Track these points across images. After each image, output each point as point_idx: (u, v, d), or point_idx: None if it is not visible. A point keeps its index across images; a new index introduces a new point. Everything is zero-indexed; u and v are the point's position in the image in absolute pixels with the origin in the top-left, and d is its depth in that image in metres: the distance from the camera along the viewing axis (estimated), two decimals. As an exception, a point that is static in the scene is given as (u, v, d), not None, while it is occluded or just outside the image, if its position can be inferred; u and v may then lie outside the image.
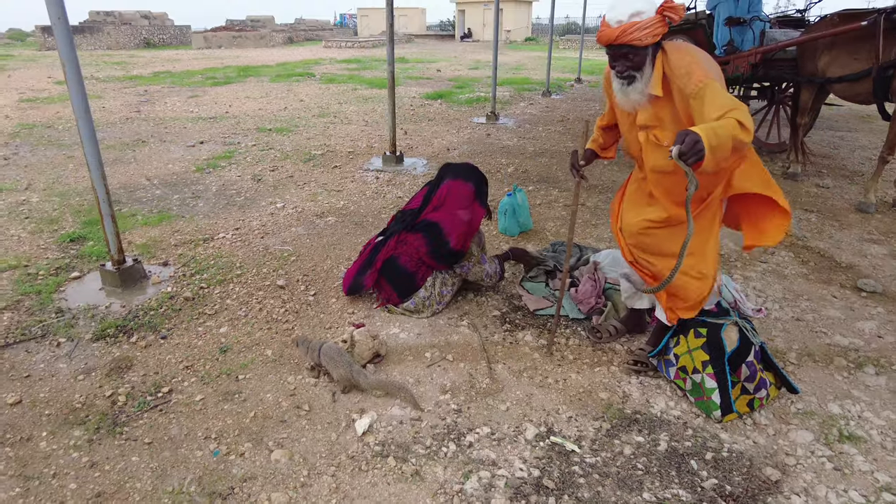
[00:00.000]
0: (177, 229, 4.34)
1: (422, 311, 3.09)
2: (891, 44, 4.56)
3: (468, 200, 3.02)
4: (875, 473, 2.08)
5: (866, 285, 3.51)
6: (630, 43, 2.03)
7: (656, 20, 2.01)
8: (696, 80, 1.99)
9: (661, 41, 2.11)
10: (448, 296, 3.15)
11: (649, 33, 2.01)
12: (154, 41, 28.75)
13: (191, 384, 2.56)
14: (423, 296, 3.09)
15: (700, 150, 1.75)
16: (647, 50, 2.07)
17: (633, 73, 2.11)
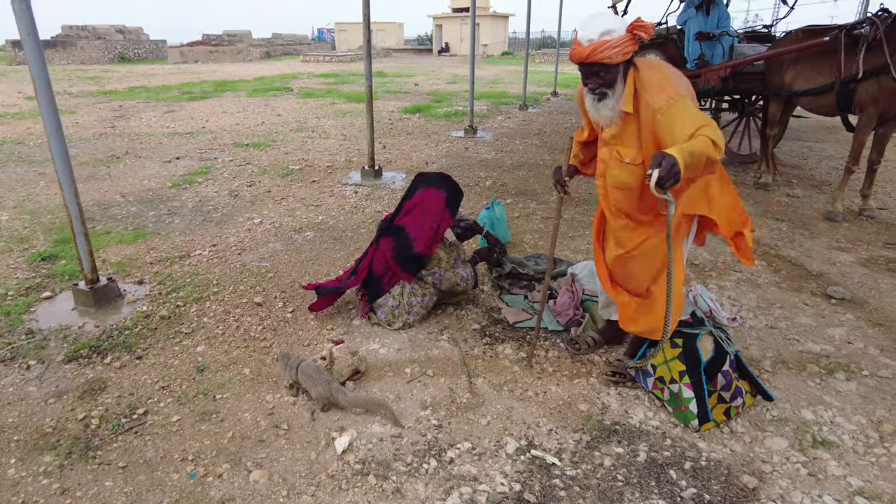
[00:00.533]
0: (152, 246, 4.28)
1: (392, 323, 3.10)
2: (851, 59, 4.72)
3: (439, 208, 3.05)
4: (848, 478, 2.12)
5: (836, 292, 3.59)
6: (601, 61, 2.06)
7: (626, 38, 2.04)
8: (667, 95, 2.03)
9: (632, 58, 2.16)
10: (418, 306, 3.12)
11: (619, 51, 2.04)
12: (129, 56, 28.48)
13: (167, 405, 2.51)
14: (391, 304, 3.11)
15: (677, 174, 1.76)
16: (618, 67, 2.11)
17: (604, 90, 2.15)
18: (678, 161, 1.77)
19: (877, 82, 4.53)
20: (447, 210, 3.06)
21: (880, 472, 2.15)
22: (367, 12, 5.56)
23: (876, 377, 2.74)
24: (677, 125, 1.97)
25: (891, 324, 3.26)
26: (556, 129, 9.52)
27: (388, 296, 3.12)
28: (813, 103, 5.34)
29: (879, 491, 2.06)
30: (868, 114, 4.70)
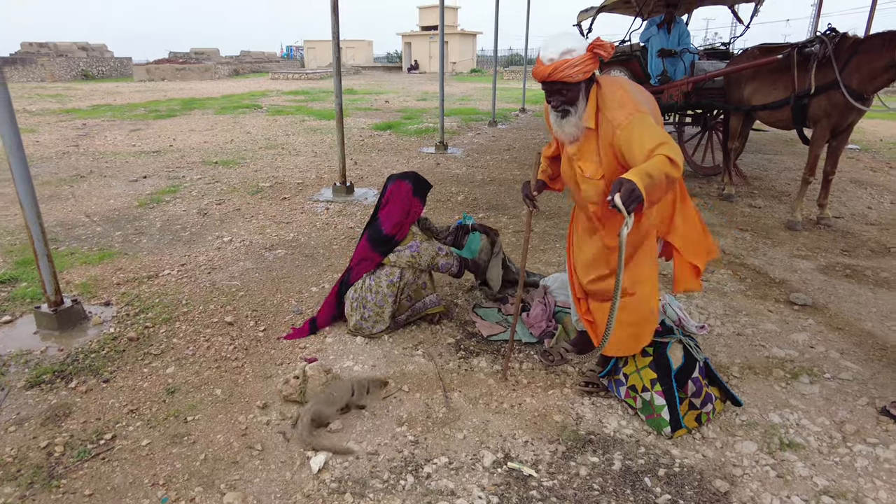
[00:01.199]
0: (119, 267, 4.19)
1: (350, 316, 3.18)
2: (804, 75, 4.93)
3: (406, 196, 3.17)
4: (814, 478, 2.18)
5: (798, 299, 3.71)
6: (562, 79, 2.12)
7: (587, 57, 2.10)
8: (626, 112, 2.09)
9: (594, 76, 2.22)
10: (372, 303, 3.12)
11: (580, 70, 2.09)
12: (92, 73, 27.99)
13: (136, 428, 2.45)
14: (352, 297, 3.18)
15: (637, 197, 1.81)
16: (579, 85, 2.16)
17: (567, 107, 2.21)
18: (637, 185, 1.81)
19: (827, 97, 4.74)
20: (415, 198, 3.18)
21: (844, 471, 2.22)
22: (336, 30, 5.59)
23: (837, 380, 2.84)
24: (636, 141, 2.02)
25: (849, 328, 3.38)
26: (525, 144, 9.66)
27: (352, 287, 3.20)
28: (770, 117, 5.54)
29: (844, 489, 2.12)
30: (821, 127, 4.90)
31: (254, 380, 2.82)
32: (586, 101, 2.21)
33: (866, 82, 4.51)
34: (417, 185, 3.22)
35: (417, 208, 3.21)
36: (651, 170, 1.88)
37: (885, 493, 2.10)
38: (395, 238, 3.13)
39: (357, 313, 3.15)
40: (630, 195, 1.80)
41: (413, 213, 3.19)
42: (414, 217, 3.20)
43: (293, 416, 2.45)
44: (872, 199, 6.29)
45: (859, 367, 2.95)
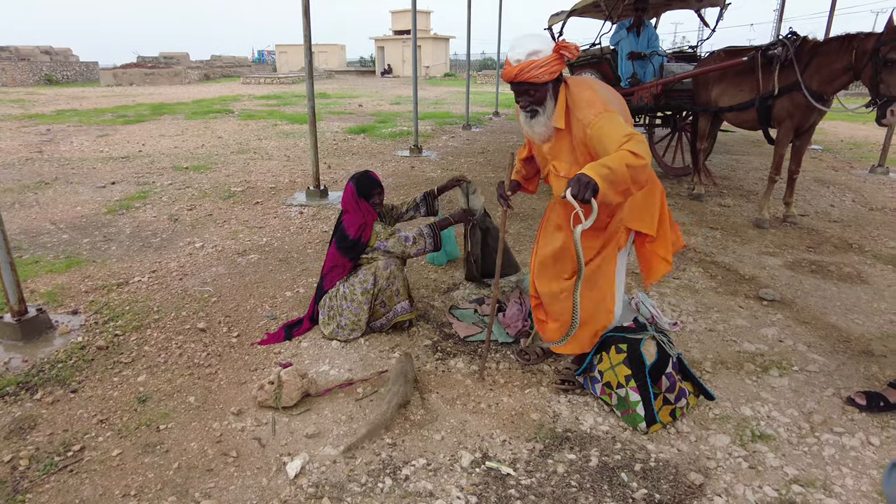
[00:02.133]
0: (87, 275, 4.09)
1: (327, 325, 3.16)
2: (768, 77, 5.06)
3: (353, 198, 3.15)
4: (784, 468, 2.23)
5: (766, 294, 3.80)
6: (528, 80, 2.16)
7: (552, 58, 2.14)
8: (595, 111, 2.13)
9: (562, 76, 2.25)
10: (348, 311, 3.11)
11: (546, 71, 2.13)
12: (57, 78, 27.31)
13: (106, 439, 2.39)
14: (328, 305, 3.16)
15: (590, 185, 1.84)
16: (546, 86, 2.20)
17: (535, 107, 2.25)
18: (592, 176, 1.85)
19: (790, 98, 4.87)
20: (360, 198, 3.14)
21: (812, 460, 2.28)
22: (307, 33, 5.55)
23: (805, 372, 2.91)
24: (606, 138, 2.06)
25: (815, 321, 3.47)
26: (498, 147, 9.71)
27: (326, 296, 3.19)
28: (737, 118, 5.68)
29: (812, 478, 2.17)
30: (785, 127, 5.04)
31: (228, 386, 2.78)
32: (555, 102, 2.24)
33: (826, 84, 4.66)
34: (359, 186, 3.15)
35: (364, 208, 3.15)
36: (610, 162, 1.91)
37: (852, 479, 2.17)
38: (360, 241, 3.11)
39: (333, 322, 3.14)
40: (577, 183, 1.85)
41: (368, 213, 3.15)
42: (371, 217, 3.15)
43: (267, 421, 2.42)
44: (835, 198, 6.48)
45: (825, 360, 3.03)
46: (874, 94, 4.23)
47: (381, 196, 3.22)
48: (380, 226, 3.17)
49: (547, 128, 2.27)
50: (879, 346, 3.18)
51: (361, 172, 3.22)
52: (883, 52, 4.08)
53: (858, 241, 4.96)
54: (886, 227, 5.37)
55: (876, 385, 2.78)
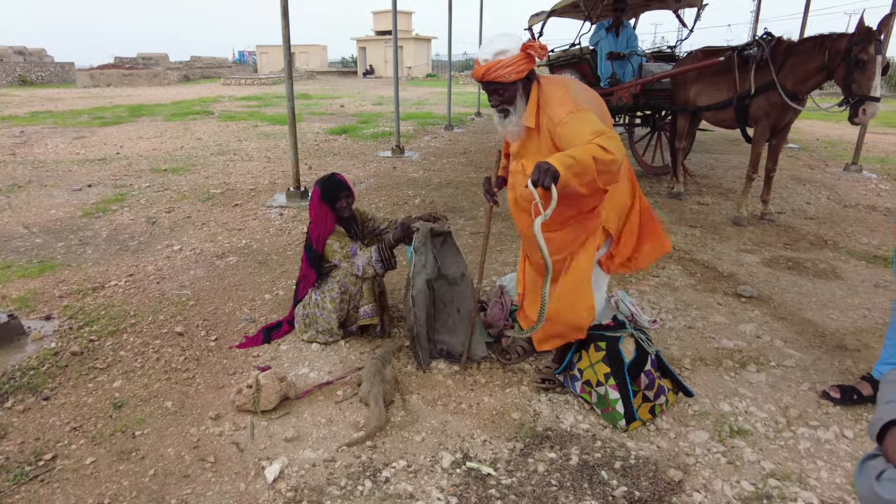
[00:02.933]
0: (62, 279, 4.01)
1: (303, 332, 3.14)
2: (744, 77, 5.13)
3: (316, 203, 3.08)
4: (761, 462, 2.25)
5: (744, 291, 3.84)
6: (496, 79, 2.16)
7: (519, 58, 2.14)
8: (567, 109, 2.13)
9: (533, 75, 2.25)
10: (322, 319, 3.09)
11: (513, 70, 2.14)
12: (31, 79, 26.81)
13: (79, 447, 2.34)
14: (301, 314, 3.15)
15: (549, 171, 1.85)
16: (515, 85, 2.20)
17: (505, 106, 2.25)
18: (552, 164, 1.86)
19: (766, 98, 4.94)
20: (323, 203, 3.06)
21: (788, 453, 2.31)
22: (286, 34, 5.51)
23: (782, 367, 2.95)
24: (576, 136, 2.05)
25: (792, 317, 3.52)
26: (481, 147, 9.72)
27: (300, 304, 3.17)
28: (715, 117, 5.74)
29: (788, 471, 2.20)
30: (762, 126, 5.11)
31: (206, 390, 2.74)
32: (526, 101, 2.24)
33: (800, 83, 4.73)
34: (324, 189, 3.06)
35: (325, 215, 3.05)
36: (575, 153, 1.92)
37: (826, 472, 2.20)
38: (319, 253, 3.07)
39: (311, 328, 3.13)
40: (539, 172, 1.85)
41: (326, 220, 3.05)
42: (325, 226, 3.06)
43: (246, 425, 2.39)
44: (811, 195, 6.59)
45: (801, 355, 3.07)
46: (847, 94, 4.30)
47: (348, 200, 3.13)
48: (337, 244, 3.06)
49: (518, 126, 2.27)
50: (853, 340, 3.23)
51: (328, 175, 3.15)
52: (855, 53, 4.15)
53: (833, 238, 5.04)
54: (860, 224, 5.47)
55: (850, 379, 2.82)
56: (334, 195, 3.08)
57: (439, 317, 2.92)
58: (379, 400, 2.47)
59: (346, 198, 3.13)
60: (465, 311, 2.91)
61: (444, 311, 2.92)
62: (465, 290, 2.93)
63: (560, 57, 7.76)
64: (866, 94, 4.15)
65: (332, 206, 3.08)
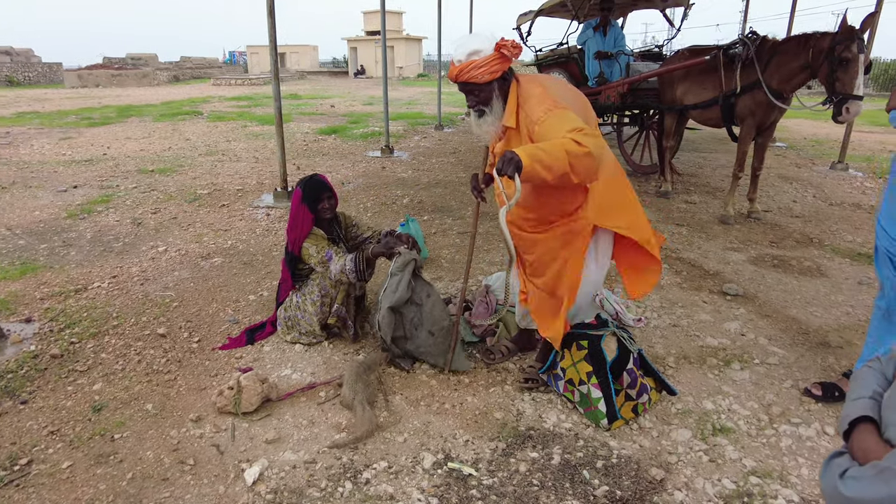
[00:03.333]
0: (43, 281, 3.96)
1: (286, 334, 3.12)
2: (730, 75, 5.15)
3: (296, 204, 3.05)
4: (743, 460, 2.25)
5: (730, 289, 3.86)
6: (469, 80, 2.16)
7: (492, 57, 2.12)
8: (545, 107, 2.11)
9: (510, 74, 2.23)
10: (304, 322, 3.07)
11: (486, 70, 2.13)
12: (18, 79, 26.56)
13: (56, 451, 2.31)
14: (283, 316, 3.13)
15: (513, 161, 1.85)
16: (490, 85, 2.19)
17: (481, 107, 2.24)
18: (517, 154, 1.86)
19: (752, 96, 4.96)
20: (303, 204, 3.03)
21: (770, 451, 2.31)
22: (273, 33, 5.47)
23: (765, 364, 2.96)
24: (553, 133, 2.03)
25: (776, 315, 3.54)
26: (470, 147, 9.71)
27: (282, 307, 3.16)
28: (701, 116, 5.76)
29: (769, 469, 2.21)
30: (747, 125, 5.13)
31: (187, 392, 2.72)
32: (504, 101, 2.23)
33: (785, 82, 4.75)
34: (307, 190, 3.03)
35: (304, 216, 3.02)
36: (545, 145, 1.91)
37: (807, 469, 2.20)
38: (294, 254, 3.05)
39: (294, 330, 3.11)
40: (503, 161, 1.86)
41: (303, 227, 3.02)
42: (302, 228, 3.02)
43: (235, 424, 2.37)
44: (797, 193, 6.63)
45: (785, 352, 3.08)
46: (830, 92, 4.32)
47: (331, 201, 3.10)
48: (314, 248, 3.02)
49: (495, 127, 2.25)
50: (836, 337, 3.25)
51: (309, 176, 3.13)
52: (838, 52, 4.18)
53: (819, 236, 5.07)
54: (844, 222, 5.50)
55: (832, 376, 2.83)
56: (316, 196, 3.05)
57: (413, 340, 2.81)
58: (365, 405, 2.45)
59: (329, 199, 3.10)
60: (439, 334, 2.78)
61: (416, 335, 2.80)
62: (435, 313, 2.81)
63: (548, 56, 7.77)
64: (849, 92, 4.18)
65: (314, 208, 3.05)
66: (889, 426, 1.06)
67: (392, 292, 2.77)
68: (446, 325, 2.80)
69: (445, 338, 2.80)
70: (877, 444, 1.06)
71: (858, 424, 1.12)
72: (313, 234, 3.05)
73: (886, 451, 1.02)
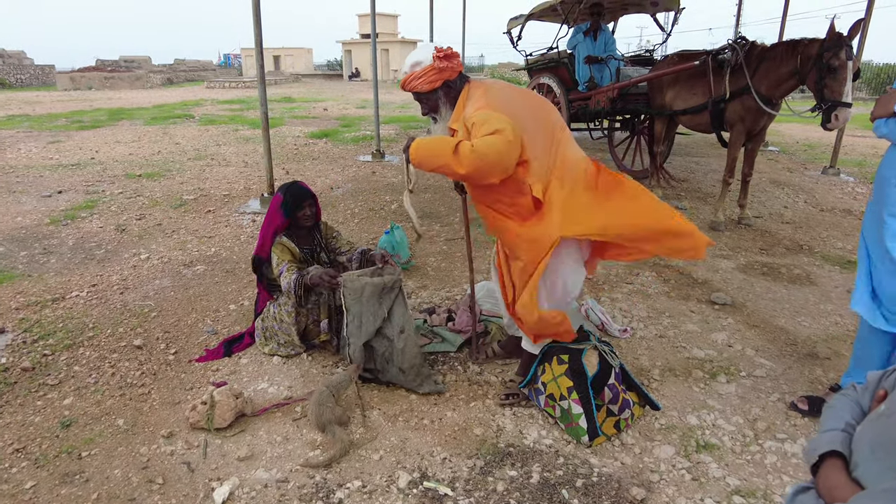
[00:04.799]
0: (20, 290, 3.89)
1: (263, 345, 3.06)
2: (719, 81, 5.11)
3: (274, 209, 3.01)
4: (727, 478, 2.20)
5: (718, 298, 3.81)
6: (412, 90, 2.31)
7: (429, 68, 2.25)
8: (475, 107, 2.18)
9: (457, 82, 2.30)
10: (282, 332, 3.00)
11: (424, 81, 2.26)
12: (9, 81, 26.40)
13: (21, 470, 2.24)
14: (262, 326, 3.08)
15: (407, 146, 2.23)
16: (434, 94, 2.31)
17: (432, 114, 2.36)
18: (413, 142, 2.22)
19: (741, 102, 4.93)
20: (280, 210, 2.98)
21: (754, 469, 2.26)
22: (259, 39, 5.42)
23: (752, 377, 2.91)
24: (474, 131, 2.10)
25: (764, 325, 3.49)
26: (463, 150, 9.66)
27: (259, 318, 3.11)
28: (691, 121, 5.73)
29: (754, 488, 2.15)
30: (737, 130, 5.09)
31: (160, 407, 2.65)
32: (451, 107, 2.31)
33: (774, 88, 4.71)
34: (287, 196, 2.97)
35: (277, 222, 2.98)
36: (441, 139, 2.17)
37: (792, 487, 2.14)
38: (260, 257, 3.01)
39: (272, 341, 3.04)
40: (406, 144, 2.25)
41: (270, 225, 2.98)
42: (267, 231, 2.98)
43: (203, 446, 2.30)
44: (788, 199, 6.60)
45: (772, 364, 3.03)
46: (819, 99, 4.29)
47: (312, 209, 3.05)
48: (275, 258, 2.96)
49: (444, 131, 2.33)
50: (824, 348, 3.20)
51: (290, 182, 3.07)
52: (826, 59, 4.14)
53: (809, 243, 5.03)
54: (835, 228, 5.47)
55: (819, 389, 2.78)
56: (297, 203, 3.00)
57: (384, 374, 2.72)
58: (334, 427, 2.36)
59: (310, 206, 3.05)
60: (409, 371, 2.65)
61: (387, 369, 2.70)
62: (407, 350, 2.65)
63: (538, 61, 7.73)
64: (838, 99, 4.14)
65: (294, 215, 2.99)
66: (859, 464, 1.01)
67: (357, 328, 2.67)
68: (417, 362, 2.67)
69: (417, 374, 2.66)
70: (845, 484, 1.00)
71: (827, 459, 1.06)
72: (280, 244, 2.99)
73: (854, 492, 0.96)
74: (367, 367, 2.72)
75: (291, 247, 3.01)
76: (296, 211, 2.98)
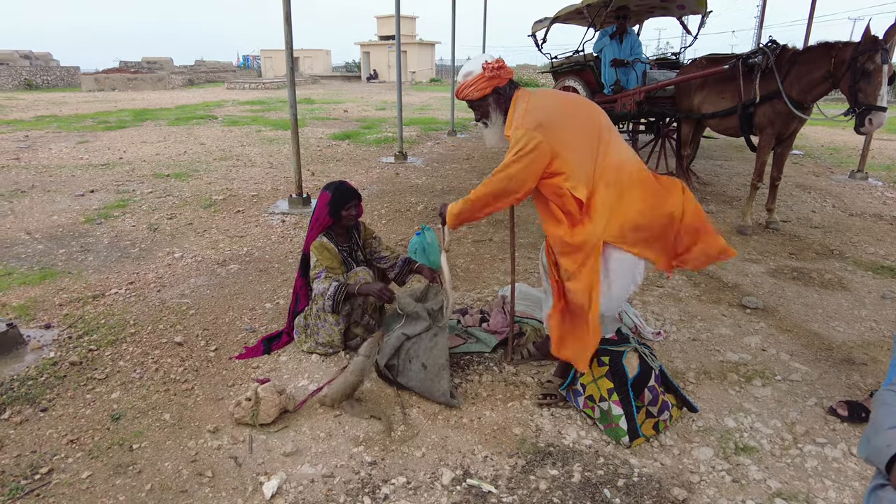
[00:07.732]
0: (62, 287, 4.00)
1: (302, 343, 3.12)
2: (749, 85, 5.10)
3: (322, 205, 3.07)
4: (767, 481, 2.21)
5: (749, 302, 3.80)
6: (464, 98, 2.47)
7: (478, 77, 2.39)
8: (514, 126, 2.31)
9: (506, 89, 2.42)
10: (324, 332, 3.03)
11: (475, 89, 2.41)
12: (37, 83, 26.94)
13: (76, 460, 2.31)
14: (303, 324, 3.13)
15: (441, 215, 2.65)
16: (485, 101, 2.45)
17: (484, 120, 2.52)
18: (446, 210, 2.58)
19: (771, 106, 4.91)
20: (327, 207, 3.04)
21: (795, 472, 2.26)
22: (289, 39, 5.50)
23: (788, 381, 2.91)
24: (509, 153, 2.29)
25: (798, 329, 3.48)
26: (484, 153, 9.70)
27: (301, 315, 3.15)
28: (719, 125, 5.71)
29: (795, 491, 2.16)
30: (766, 134, 5.07)
31: (204, 402, 2.71)
32: (503, 114, 2.44)
33: (805, 92, 4.69)
34: (336, 195, 3.03)
35: (324, 220, 3.05)
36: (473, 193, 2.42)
37: (834, 492, 2.15)
38: (306, 254, 3.08)
39: (311, 339, 3.10)
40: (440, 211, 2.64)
41: (319, 223, 3.05)
42: (315, 230, 3.05)
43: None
44: (816, 203, 6.54)
45: (808, 368, 3.03)
46: (852, 103, 4.26)
47: (357, 208, 3.12)
48: (314, 259, 3.02)
49: (498, 136, 2.48)
50: (860, 353, 3.19)
51: (339, 182, 3.14)
52: (861, 62, 4.12)
53: (839, 248, 4.99)
54: (866, 233, 5.42)
55: (857, 394, 2.78)
56: (345, 201, 3.07)
57: (404, 372, 2.73)
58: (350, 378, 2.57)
59: (356, 206, 3.12)
60: (431, 367, 2.66)
61: (408, 367, 2.72)
62: (430, 344, 2.71)
63: (564, 64, 7.74)
64: (872, 103, 4.12)
65: (338, 213, 3.06)
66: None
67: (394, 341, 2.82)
68: (442, 362, 2.67)
69: (438, 375, 2.65)
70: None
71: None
72: (320, 244, 3.05)
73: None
74: (389, 362, 2.77)
75: (331, 247, 3.06)
76: (342, 210, 3.05)
